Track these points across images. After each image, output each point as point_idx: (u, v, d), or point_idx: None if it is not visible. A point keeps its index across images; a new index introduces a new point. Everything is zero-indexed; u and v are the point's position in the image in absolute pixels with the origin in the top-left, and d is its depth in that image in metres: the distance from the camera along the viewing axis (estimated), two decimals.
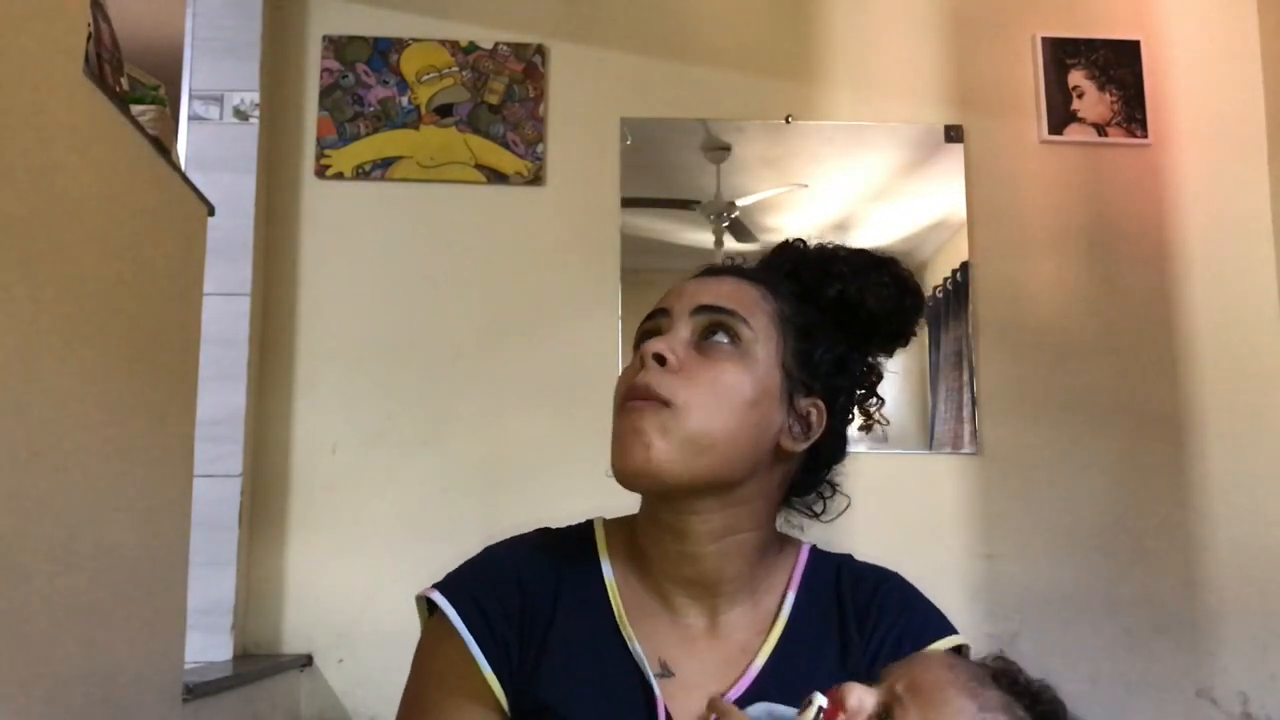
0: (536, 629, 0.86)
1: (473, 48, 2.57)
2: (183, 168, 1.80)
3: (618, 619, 0.87)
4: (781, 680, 0.86)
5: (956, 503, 2.48)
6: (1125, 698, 2.41)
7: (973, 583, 2.44)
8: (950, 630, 0.91)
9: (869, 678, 0.81)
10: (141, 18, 2.60)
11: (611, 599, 0.89)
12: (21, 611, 1.06)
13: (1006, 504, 2.48)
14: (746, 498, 0.87)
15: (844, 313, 0.92)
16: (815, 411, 0.90)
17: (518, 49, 2.57)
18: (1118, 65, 2.64)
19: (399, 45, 2.56)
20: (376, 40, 2.55)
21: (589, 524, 0.96)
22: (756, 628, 0.89)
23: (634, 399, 0.84)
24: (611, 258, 2.51)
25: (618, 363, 2.42)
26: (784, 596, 0.91)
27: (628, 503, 0.94)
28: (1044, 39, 2.64)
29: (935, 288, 2.57)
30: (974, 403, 2.50)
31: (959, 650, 0.88)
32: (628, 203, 2.54)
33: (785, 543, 0.96)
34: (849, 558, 0.97)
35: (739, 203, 2.55)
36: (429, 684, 0.88)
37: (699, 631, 0.88)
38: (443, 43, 2.57)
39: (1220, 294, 2.59)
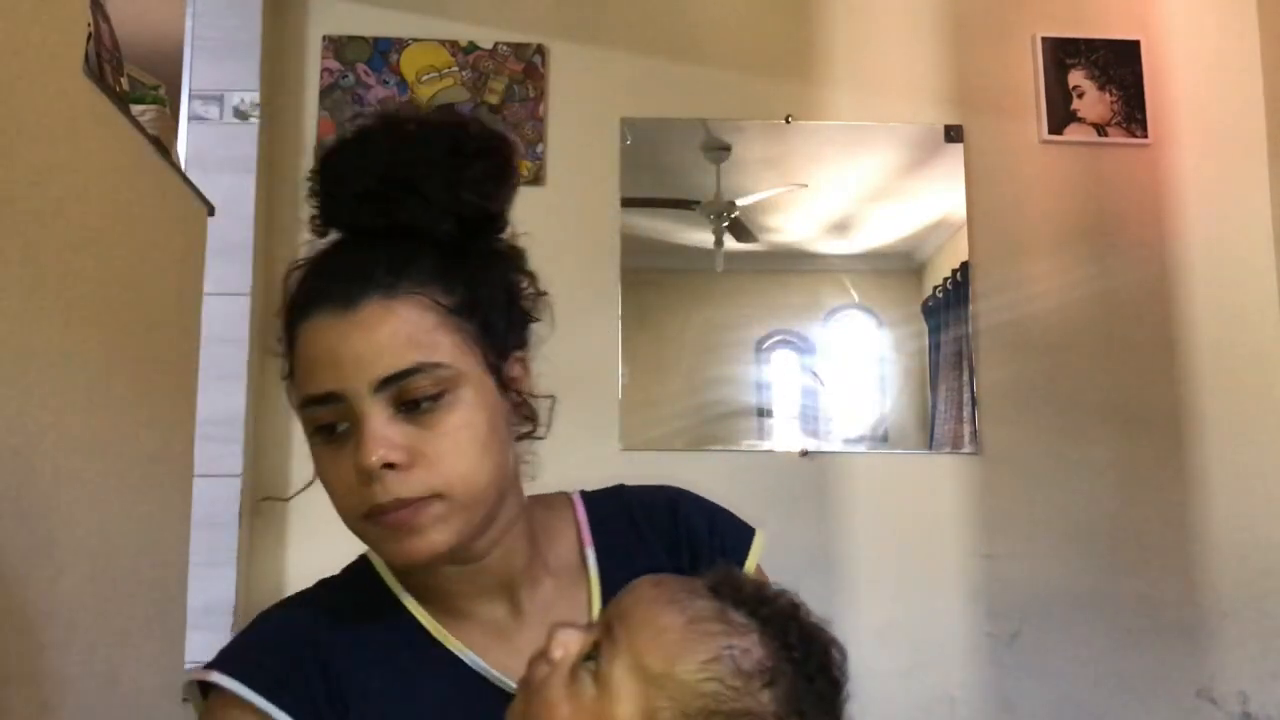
0: (342, 682, 0.75)
1: (473, 48, 2.57)
2: (183, 168, 1.80)
3: (442, 642, 0.78)
4: None
5: (956, 503, 2.48)
6: (1125, 698, 2.41)
7: (973, 583, 2.44)
8: (750, 529, 0.89)
9: None
10: (141, 18, 2.59)
11: (425, 624, 0.79)
12: (21, 612, 1.06)
13: (1006, 504, 2.48)
14: (505, 495, 0.79)
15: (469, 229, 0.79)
16: (520, 365, 0.82)
17: (518, 49, 2.57)
18: (1118, 65, 2.64)
19: (399, 45, 2.56)
20: (376, 40, 2.55)
21: (364, 560, 0.86)
22: (570, 597, 0.82)
23: (388, 515, 0.71)
24: (611, 258, 2.50)
25: (617, 362, 2.41)
26: (582, 554, 0.85)
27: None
28: (1044, 39, 2.64)
29: (935, 288, 2.57)
30: (974, 403, 2.50)
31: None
32: (627, 203, 2.54)
33: (551, 502, 0.89)
34: (621, 488, 0.91)
35: (739, 202, 2.55)
36: None
37: (506, 625, 0.80)
38: (443, 43, 2.56)
39: (1220, 294, 2.59)
